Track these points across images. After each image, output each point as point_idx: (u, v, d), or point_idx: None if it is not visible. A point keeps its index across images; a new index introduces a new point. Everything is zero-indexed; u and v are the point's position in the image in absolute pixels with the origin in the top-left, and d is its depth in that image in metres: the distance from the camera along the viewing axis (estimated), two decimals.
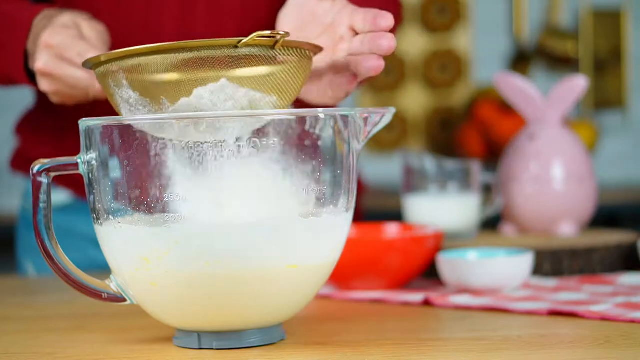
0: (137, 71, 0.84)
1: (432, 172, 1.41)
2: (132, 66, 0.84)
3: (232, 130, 0.81)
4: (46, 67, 1.09)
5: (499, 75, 1.43)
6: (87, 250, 1.33)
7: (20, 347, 0.90)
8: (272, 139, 0.82)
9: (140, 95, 0.85)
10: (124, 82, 0.85)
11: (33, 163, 0.84)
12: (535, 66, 3.37)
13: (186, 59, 0.83)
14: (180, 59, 0.83)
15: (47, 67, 1.08)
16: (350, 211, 0.87)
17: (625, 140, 3.37)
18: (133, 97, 0.86)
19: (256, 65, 0.85)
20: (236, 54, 0.84)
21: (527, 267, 1.11)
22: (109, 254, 0.86)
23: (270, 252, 0.82)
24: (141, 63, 0.84)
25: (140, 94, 0.85)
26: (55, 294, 1.21)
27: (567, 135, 1.41)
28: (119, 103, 0.87)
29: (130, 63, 0.84)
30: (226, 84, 0.84)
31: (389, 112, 0.89)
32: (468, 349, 0.85)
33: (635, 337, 0.87)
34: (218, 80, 0.84)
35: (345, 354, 0.84)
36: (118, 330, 0.96)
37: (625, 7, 3.34)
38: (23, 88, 1.22)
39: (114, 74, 0.86)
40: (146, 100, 0.85)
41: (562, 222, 1.38)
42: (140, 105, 0.86)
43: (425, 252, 1.16)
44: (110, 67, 0.86)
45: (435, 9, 3.36)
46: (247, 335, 0.86)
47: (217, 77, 0.84)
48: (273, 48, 0.85)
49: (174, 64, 0.84)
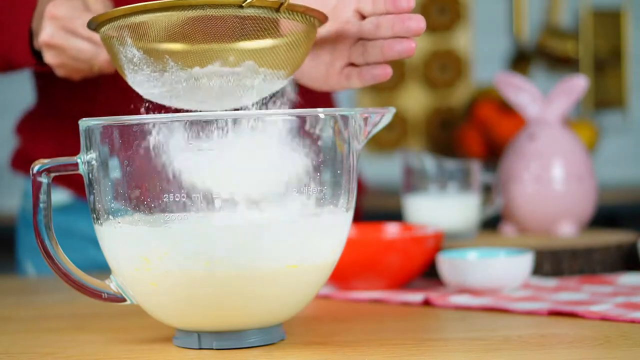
0: (142, 29, 0.84)
1: (432, 172, 1.41)
2: (137, 24, 0.84)
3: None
4: (51, 39, 1.08)
5: (499, 75, 1.43)
6: (87, 250, 1.33)
7: (20, 347, 0.90)
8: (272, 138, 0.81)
9: (144, 54, 0.85)
10: (127, 40, 0.85)
11: (33, 163, 0.84)
12: (535, 66, 3.37)
13: (191, 17, 0.83)
14: (185, 17, 0.83)
15: (52, 39, 1.08)
16: (350, 211, 0.87)
17: (625, 140, 3.37)
18: (137, 56, 0.85)
19: (260, 33, 0.85)
20: (241, 14, 0.84)
21: (527, 267, 1.11)
22: (109, 254, 0.86)
23: (270, 252, 0.82)
24: (146, 20, 0.84)
25: (144, 53, 0.85)
26: (55, 294, 1.21)
27: (567, 135, 1.41)
28: (122, 63, 0.87)
29: (134, 20, 0.84)
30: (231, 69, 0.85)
31: (389, 112, 0.89)
32: (468, 349, 0.85)
33: (635, 337, 0.87)
34: (220, 54, 0.84)
35: (345, 354, 0.84)
36: (118, 330, 0.96)
37: (625, 7, 3.34)
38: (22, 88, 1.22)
39: (118, 31, 0.85)
40: (150, 59, 0.85)
41: (562, 222, 1.38)
42: (144, 64, 0.85)
43: (425, 252, 1.16)
44: (114, 24, 0.85)
45: (435, 9, 3.36)
46: (247, 335, 0.86)
47: (220, 50, 0.84)
48: (278, 10, 0.85)
49: (179, 21, 0.83)
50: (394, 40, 0.92)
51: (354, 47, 0.96)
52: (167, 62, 0.85)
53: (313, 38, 0.91)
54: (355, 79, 0.97)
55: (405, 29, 0.91)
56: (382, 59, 0.94)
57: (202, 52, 0.86)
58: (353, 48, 0.96)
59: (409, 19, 0.91)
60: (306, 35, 0.89)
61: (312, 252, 0.84)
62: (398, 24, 0.91)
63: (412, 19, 0.91)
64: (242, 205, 0.81)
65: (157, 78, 0.87)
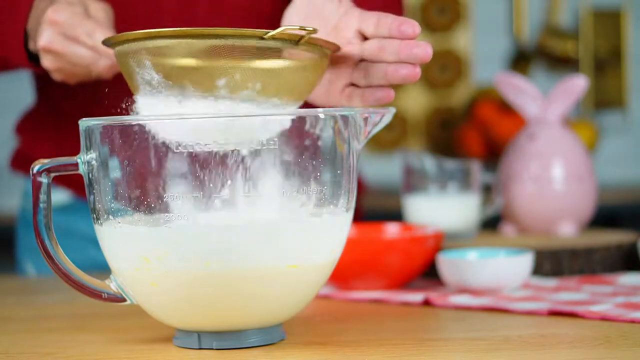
0: (162, 53, 0.84)
1: (432, 172, 1.41)
2: (157, 48, 0.84)
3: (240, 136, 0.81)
4: (50, 44, 1.08)
5: (499, 75, 1.43)
6: (87, 250, 1.33)
7: (20, 347, 0.90)
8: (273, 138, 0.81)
9: (163, 78, 0.85)
10: (146, 63, 0.85)
11: (33, 163, 0.84)
12: (535, 66, 3.37)
13: (212, 46, 0.83)
14: (207, 45, 0.83)
15: (51, 44, 1.08)
16: (350, 211, 0.87)
17: (625, 140, 3.37)
18: (156, 79, 0.85)
19: (275, 59, 0.86)
20: (262, 45, 0.84)
21: (527, 267, 1.11)
22: (109, 254, 0.86)
23: (270, 252, 0.82)
24: (167, 45, 0.84)
25: (163, 76, 0.85)
26: (55, 294, 1.21)
27: (567, 135, 1.41)
28: (138, 84, 0.87)
29: (155, 44, 0.84)
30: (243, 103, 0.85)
31: (389, 112, 0.89)
32: (468, 349, 0.85)
33: (635, 337, 0.87)
34: (235, 72, 0.84)
35: (345, 354, 0.84)
36: (118, 330, 0.96)
37: (625, 7, 3.34)
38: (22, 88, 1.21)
39: (136, 53, 0.85)
40: (169, 82, 0.85)
41: (562, 222, 1.38)
42: (162, 87, 0.85)
43: (425, 252, 1.16)
44: (133, 46, 0.86)
45: (435, 9, 3.36)
46: (247, 335, 0.86)
47: (236, 69, 0.84)
48: (297, 43, 0.86)
49: (200, 49, 0.84)
50: (399, 65, 0.92)
51: (356, 68, 0.96)
52: (186, 87, 0.85)
53: (325, 67, 0.91)
54: (357, 100, 0.96)
55: (412, 56, 0.90)
56: (385, 82, 0.94)
57: (214, 69, 0.85)
58: (355, 69, 0.96)
59: (417, 46, 0.90)
60: (320, 64, 0.90)
61: (312, 252, 0.84)
62: (405, 51, 0.91)
63: (419, 46, 0.90)
64: (242, 205, 0.81)
65: (174, 102, 0.87)
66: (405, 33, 0.90)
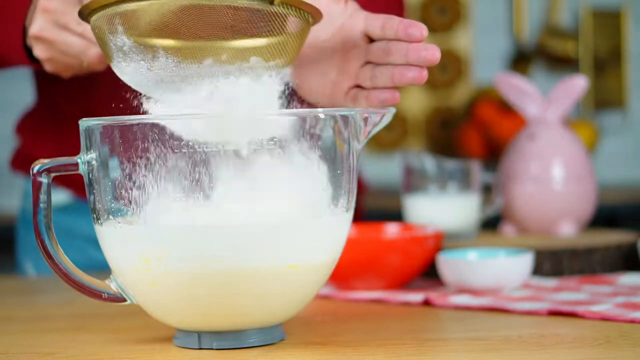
0: (134, 17, 0.84)
1: (432, 172, 1.41)
2: (129, 11, 0.84)
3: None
4: (40, 32, 1.08)
5: (499, 75, 1.43)
6: (87, 250, 1.33)
7: (20, 347, 0.90)
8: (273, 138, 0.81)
9: (135, 42, 0.85)
10: (119, 29, 0.85)
11: (33, 163, 0.84)
12: (535, 66, 3.37)
13: (183, 5, 0.83)
14: (177, 5, 0.83)
15: (41, 32, 1.08)
16: (350, 211, 0.87)
17: (625, 140, 3.37)
18: (127, 45, 0.85)
19: (252, 28, 0.85)
20: (234, 4, 0.83)
21: (527, 267, 1.11)
22: (109, 254, 0.86)
23: (270, 252, 0.82)
24: (137, 8, 0.83)
25: (135, 42, 0.84)
26: (55, 294, 1.21)
27: (567, 135, 1.41)
28: (112, 52, 0.86)
29: (126, 8, 0.84)
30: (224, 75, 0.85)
31: (389, 112, 0.89)
32: (468, 349, 0.85)
33: (635, 337, 0.87)
34: (212, 51, 0.84)
35: (345, 354, 0.84)
36: (118, 330, 0.96)
37: (625, 7, 3.34)
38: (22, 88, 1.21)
39: (109, 20, 0.85)
40: (140, 47, 0.85)
41: (562, 222, 1.38)
42: (134, 52, 0.85)
43: (425, 252, 1.16)
44: (105, 12, 0.85)
45: (435, 9, 3.36)
46: (247, 335, 0.86)
47: (212, 48, 0.84)
48: (272, 3, 0.84)
49: (171, 11, 0.83)
50: (406, 68, 0.91)
51: (361, 69, 0.96)
52: (158, 51, 0.84)
53: (306, 35, 0.90)
54: (362, 101, 0.96)
55: (420, 59, 0.90)
56: (392, 84, 0.93)
57: (193, 48, 0.85)
58: (360, 71, 0.96)
59: (425, 49, 0.89)
60: (299, 32, 0.89)
61: (312, 252, 0.84)
62: (413, 54, 0.90)
63: (427, 49, 0.89)
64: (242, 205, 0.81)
65: (147, 68, 0.86)
66: (413, 36, 0.90)
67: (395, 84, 0.93)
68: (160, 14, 0.83)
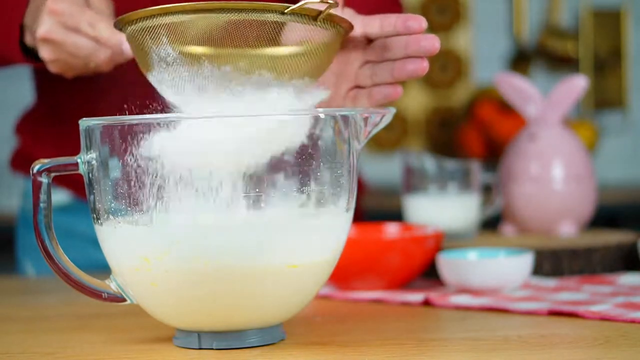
0: (178, 29, 0.84)
1: (432, 172, 1.41)
2: (173, 23, 0.84)
3: None
4: (48, 34, 1.07)
5: (499, 75, 1.43)
6: (87, 250, 1.33)
7: (20, 347, 0.90)
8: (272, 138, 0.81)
9: (180, 54, 0.84)
10: (163, 40, 0.84)
11: (33, 163, 0.84)
12: (535, 66, 3.37)
13: (231, 20, 0.83)
14: (224, 20, 0.83)
15: (49, 34, 1.07)
16: (350, 211, 0.87)
17: (625, 140, 3.37)
18: (172, 56, 0.84)
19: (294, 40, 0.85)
20: (280, 20, 0.83)
21: (527, 267, 1.11)
22: (109, 254, 0.86)
23: (270, 252, 0.82)
24: (182, 20, 0.83)
25: (180, 53, 0.84)
26: (55, 294, 1.21)
27: (567, 135, 1.41)
28: (153, 62, 0.85)
29: (170, 20, 0.83)
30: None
31: (389, 112, 0.89)
32: (468, 349, 0.85)
33: (635, 337, 0.87)
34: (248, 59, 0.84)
35: (345, 354, 0.84)
36: (118, 330, 0.96)
37: (625, 7, 3.34)
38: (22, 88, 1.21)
39: (151, 30, 0.84)
40: (185, 59, 0.84)
41: (562, 222, 1.38)
42: (178, 64, 0.85)
43: (425, 252, 1.16)
44: (148, 23, 0.84)
45: (435, 9, 3.36)
46: (247, 335, 0.86)
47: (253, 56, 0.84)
48: (316, 19, 0.85)
49: (218, 24, 0.83)
50: (406, 60, 0.91)
51: (360, 70, 0.96)
52: (203, 63, 0.84)
53: (338, 46, 0.91)
54: (364, 100, 0.96)
55: (420, 49, 0.90)
56: (392, 79, 0.93)
57: (231, 55, 0.85)
58: (359, 71, 0.96)
59: (424, 39, 0.90)
60: (334, 43, 0.89)
61: (312, 252, 0.84)
62: (413, 45, 0.90)
63: (427, 39, 0.90)
64: (242, 205, 0.81)
65: (189, 79, 0.86)
66: (412, 28, 0.90)
67: (396, 79, 0.93)
68: (206, 27, 0.83)
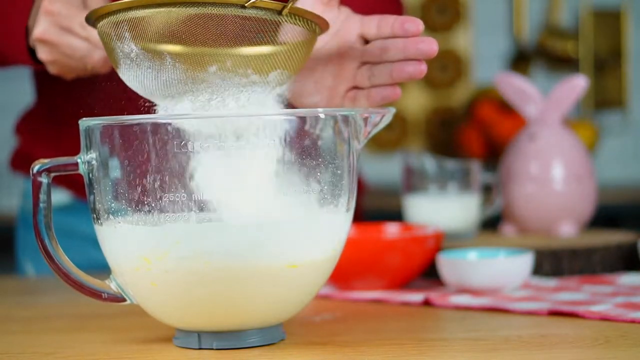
0: (141, 24, 0.84)
1: (432, 172, 1.41)
2: (136, 18, 0.84)
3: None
4: (44, 35, 1.07)
5: (499, 75, 1.43)
6: (87, 250, 1.33)
7: (20, 347, 0.90)
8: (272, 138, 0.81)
9: (142, 50, 0.84)
10: (126, 35, 0.84)
11: (33, 163, 0.84)
12: (535, 66, 3.37)
13: (191, 15, 0.83)
14: (185, 14, 0.83)
15: (45, 35, 1.07)
16: (351, 211, 0.87)
17: (625, 140, 3.37)
18: (135, 51, 0.85)
19: (259, 37, 0.84)
20: (242, 14, 0.83)
21: (527, 267, 1.11)
22: (109, 254, 0.86)
23: (270, 251, 0.82)
24: (144, 15, 0.83)
25: (142, 49, 0.84)
26: (55, 294, 1.21)
27: (567, 135, 1.41)
28: (119, 58, 0.86)
29: (133, 15, 0.84)
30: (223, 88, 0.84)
31: (389, 112, 0.89)
32: (468, 349, 0.85)
33: (635, 337, 0.87)
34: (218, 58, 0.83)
35: (345, 354, 0.84)
36: (118, 330, 0.96)
37: (625, 7, 3.34)
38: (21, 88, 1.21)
39: (116, 26, 0.85)
40: (147, 54, 0.84)
41: (562, 222, 1.38)
42: (142, 59, 0.85)
43: (425, 252, 1.16)
44: (112, 19, 0.85)
45: (435, 9, 3.36)
46: (247, 335, 0.86)
47: (218, 55, 0.83)
48: (280, 13, 0.85)
49: (178, 19, 0.83)
50: (404, 62, 0.92)
51: (358, 71, 0.96)
52: (165, 59, 0.84)
53: (312, 46, 0.90)
54: (363, 101, 0.96)
55: (418, 52, 0.90)
56: (391, 81, 0.94)
57: (199, 55, 0.85)
58: (358, 72, 0.96)
59: (422, 41, 0.90)
60: (307, 42, 0.89)
61: (313, 252, 0.84)
62: (411, 47, 0.90)
63: (424, 41, 0.90)
64: (242, 205, 0.81)
65: (154, 75, 0.86)
66: (409, 31, 0.90)
67: (394, 80, 0.93)
68: (168, 21, 0.83)
